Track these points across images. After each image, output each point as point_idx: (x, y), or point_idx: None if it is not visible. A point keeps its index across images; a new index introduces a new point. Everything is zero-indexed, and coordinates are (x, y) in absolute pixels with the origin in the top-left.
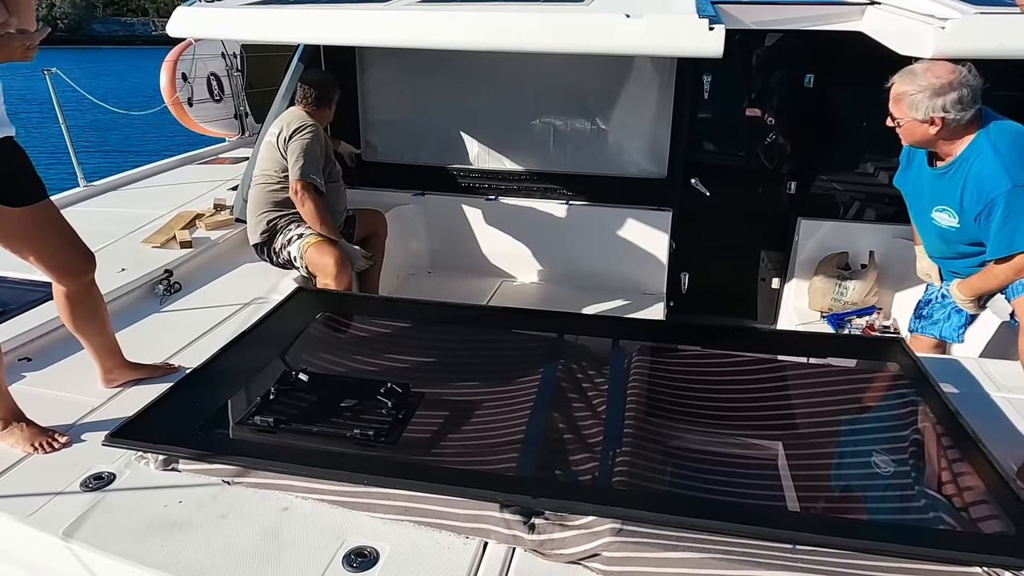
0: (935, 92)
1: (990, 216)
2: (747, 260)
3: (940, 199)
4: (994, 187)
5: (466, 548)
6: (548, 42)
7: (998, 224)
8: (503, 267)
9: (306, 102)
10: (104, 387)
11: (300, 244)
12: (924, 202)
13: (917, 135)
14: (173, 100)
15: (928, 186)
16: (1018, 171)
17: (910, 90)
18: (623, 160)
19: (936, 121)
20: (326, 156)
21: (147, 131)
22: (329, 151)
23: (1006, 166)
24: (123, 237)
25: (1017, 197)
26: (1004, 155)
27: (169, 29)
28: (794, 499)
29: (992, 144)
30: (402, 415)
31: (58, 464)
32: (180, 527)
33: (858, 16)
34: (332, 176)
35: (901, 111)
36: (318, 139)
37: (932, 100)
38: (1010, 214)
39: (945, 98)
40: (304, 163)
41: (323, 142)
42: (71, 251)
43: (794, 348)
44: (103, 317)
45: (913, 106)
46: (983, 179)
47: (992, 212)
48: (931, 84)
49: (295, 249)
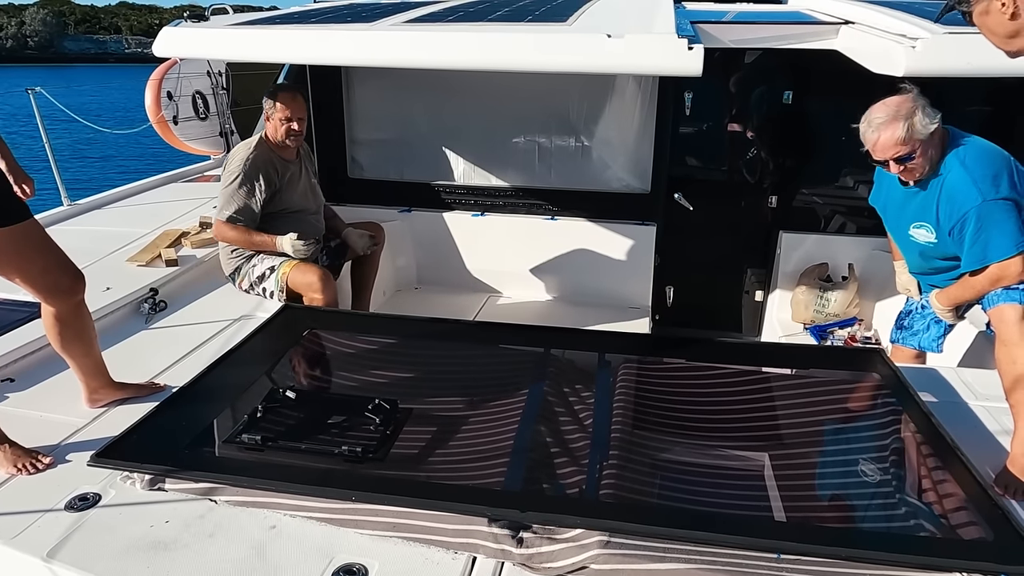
0: (919, 110)
1: (963, 230)
2: (731, 273)
3: (916, 216)
4: (965, 201)
5: (455, 563)
6: (532, 62)
7: (971, 237)
8: (490, 283)
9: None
10: (89, 407)
11: (277, 277)
12: (901, 220)
13: (927, 157)
14: (158, 118)
15: (903, 204)
16: (987, 185)
17: (904, 123)
18: (607, 176)
19: (936, 130)
20: (268, 181)
21: (131, 150)
22: (278, 176)
23: (975, 181)
24: (108, 255)
25: (987, 211)
26: (972, 170)
27: (155, 49)
28: (779, 509)
29: (960, 160)
30: (390, 431)
31: (42, 485)
32: (167, 547)
33: (833, 35)
34: (291, 204)
35: (912, 145)
36: (245, 173)
37: (923, 116)
38: (982, 227)
39: (926, 107)
40: (220, 203)
41: (258, 170)
42: (58, 272)
43: (778, 360)
44: (91, 337)
45: (922, 129)
46: (954, 194)
47: (965, 226)
48: (908, 111)
49: (273, 283)
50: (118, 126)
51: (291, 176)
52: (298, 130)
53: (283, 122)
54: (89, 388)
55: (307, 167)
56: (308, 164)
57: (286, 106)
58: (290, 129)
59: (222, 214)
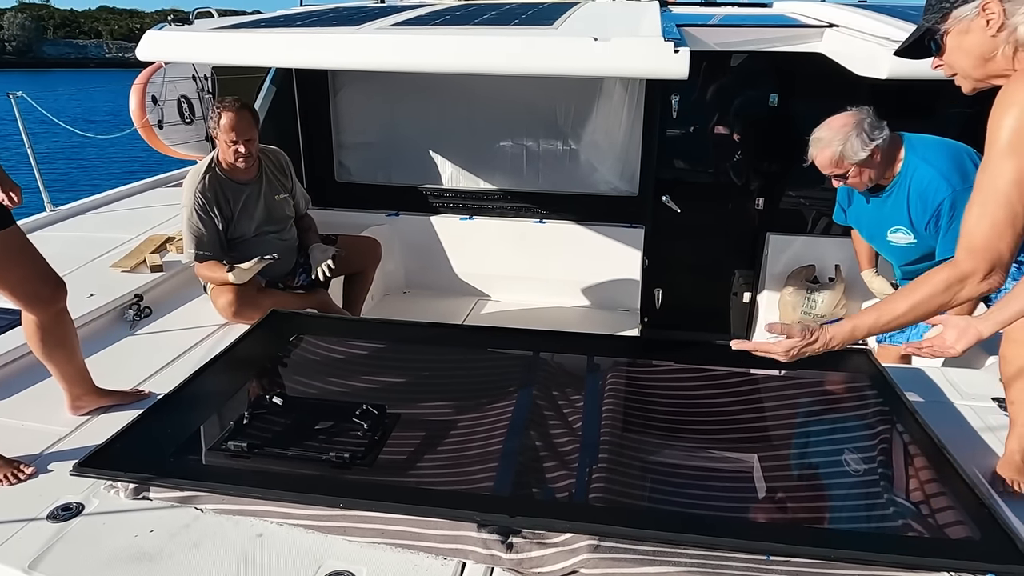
0: (854, 133)
1: (938, 221)
2: (719, 275)
3: (891, 221)
4: (936, 194)
5: (444, 569)
6: (519, 65)
7: (946, 225)
8: (478, 286)
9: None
10: (72, 415)
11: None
12: (878, 228)
13: (866, 176)
14: (143, 123)
15: (875, 213)
16: (954, 176)
17: (837, 148)
18: (595, 179)
19: (875, 151)
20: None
21: (115, 154)
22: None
23: (942, 174)
24: (91, 261)
25: (960, 199)
26: (937, 164)
27: (139, 53)
28: (769, 511)
29: (922, 158)
30: (378, 437)
31: (24, 495)
32: (151, 557)
33: (818, 38)
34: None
35: (845, 166)
36: (197, 205)
37: (859, 138)
38: (955, 215)
39: (864, 132)
40: (184, 243)
41: (208, 202)
42: (39, 282)
43: (766, 361)
44: (73, 344)
45: (853, 154)
46: (924, 190)
47: (940, 216)
48: (845, 132)
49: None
50: (100, 130)
51: (247, 199)
52: (245, 152)
53: (228, 144)
54: (72, 395)
55: (273, 183)
56: (276, 179)
57: (230, 126)
58: (236, 152)
59: (188, 253)
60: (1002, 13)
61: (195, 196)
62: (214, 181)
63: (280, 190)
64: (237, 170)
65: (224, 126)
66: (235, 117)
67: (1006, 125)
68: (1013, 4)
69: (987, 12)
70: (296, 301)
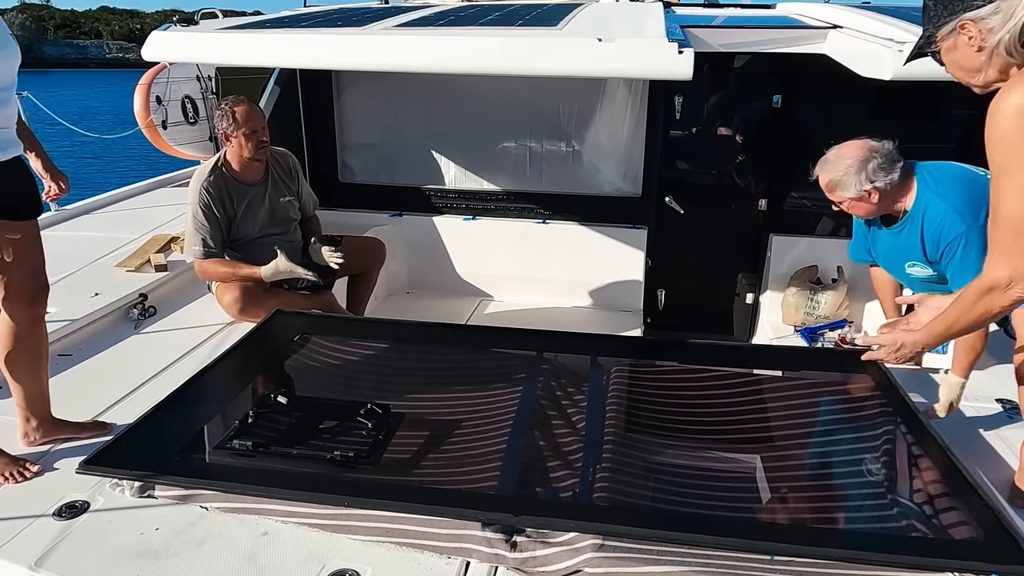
0: (855, 169)
1: (953, 256)
2: (722, 276)
3: (907, 255)
4: (950, 231)
5: (448, 568)
6: (523, 65)
7: (958, 262)
8: (482, 287)
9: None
10: (23, 445)
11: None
12: (895, 261)
13: (863, 210)
14: (147, 123)
15: (891, 246)
16: (968, 212)
17: (835, 177)
18: (598, 179)
19: (870, 193)
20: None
21: (119, 154)
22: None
23: (956, 210)
24: (96, 261)
25: (975, 236)
26: (951, 199)
27: (144, 53)
28: (772, 511)
29: (935, 192)
30: (382, 436)
31: (30, 494)
32: (157, 555)
33: (822, 39)
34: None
35: (837, 196)
36: (203, 203)
37: (857, 176)
38: (968, 253)
39: (864, 172)
40: (187, 242)
41: (213, 200)
42: (37, 277)
43: (769, 362)
44: (42, 360)
45: (844, 188)
46: (939, 227)
47: (955, 252)
48: (847, 166)
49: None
50: (103, 130)
51: (251, 200)
52: (267, 140)
53: (248, 136)
54: (25, 420)
55: (278, 185)
56: (282, 181)
57: (246, 117)
58: (260, 143)
59: (191, 251)
60: (979, 34)
61: (200, 193)
62: (219, 180)
63: (285, 192)
64: (244, 170)
65: (241, 118)
66: (250, 108)
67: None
68: (986, 22)
69: (965, 31)
70: (301, 301)
